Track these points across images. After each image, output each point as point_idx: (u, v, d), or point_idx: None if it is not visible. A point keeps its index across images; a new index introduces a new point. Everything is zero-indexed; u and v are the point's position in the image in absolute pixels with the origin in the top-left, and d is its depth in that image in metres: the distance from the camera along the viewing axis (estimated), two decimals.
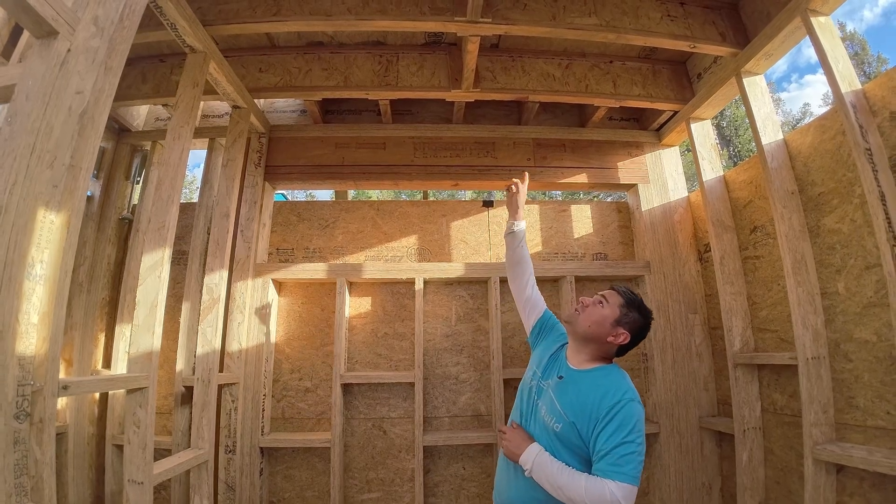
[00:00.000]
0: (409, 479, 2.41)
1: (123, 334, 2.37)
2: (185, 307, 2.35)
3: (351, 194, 4.57)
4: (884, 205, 1.47)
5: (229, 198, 2.26)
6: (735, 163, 17.02)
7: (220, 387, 2.19)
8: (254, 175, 2.58)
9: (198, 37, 1.86)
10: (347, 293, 2.55)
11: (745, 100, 2.08)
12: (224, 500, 2.14)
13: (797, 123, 19.45)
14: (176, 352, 2.31)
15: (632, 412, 1.19)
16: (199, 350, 2.04)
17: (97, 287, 2.48)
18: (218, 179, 2.47)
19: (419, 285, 2.52)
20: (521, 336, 2.59)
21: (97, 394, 2.37)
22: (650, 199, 2.72)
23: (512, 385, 2.42)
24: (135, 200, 2.72)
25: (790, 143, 1.97)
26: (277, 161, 2.69)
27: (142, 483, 1.45)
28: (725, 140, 18.07)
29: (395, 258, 2.72)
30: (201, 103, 2.67)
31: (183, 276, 2.45)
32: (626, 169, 2.79)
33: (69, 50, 1.14)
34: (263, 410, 2.35)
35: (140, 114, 2.84)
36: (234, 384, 2.27)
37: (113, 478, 2.23)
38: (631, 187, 2.80)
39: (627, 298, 1.39)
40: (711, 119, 2.56)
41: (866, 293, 1.61)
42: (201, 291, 2.20)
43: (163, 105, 2.73)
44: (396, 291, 2.66)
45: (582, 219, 2.86)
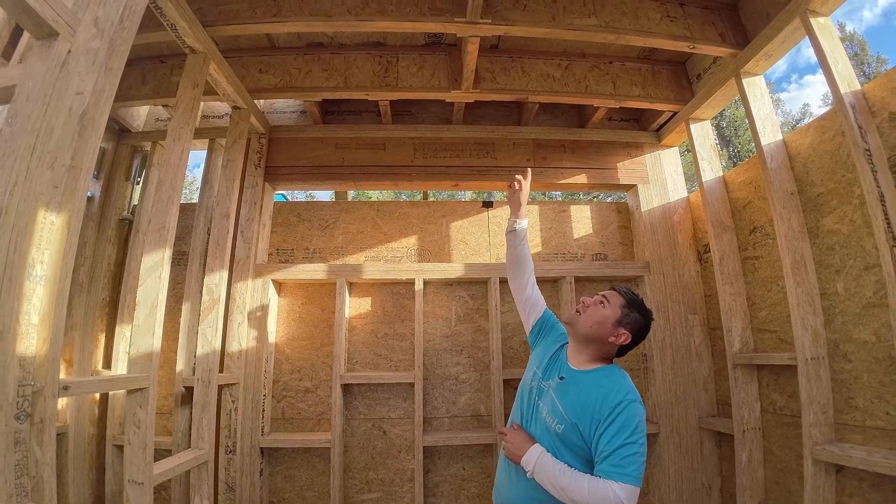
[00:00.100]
0: (409, 480, 2.42)
1: (123, 335, 2.37)
2: (186, 308, 2.35)
3: (351, 195, 4.57)
4: (883, 205, 1.47)
5: (229, 198, 2.27)
6: (735, 163, 17.02)
7: (221, 387, 2.19)
8: (254, 176, 2.58)
9: (198, 38, 1.86)
10: (347, 294, 2.55)
11: (745, 100, 2.08)
12: (224, 501, 2.14)
13: (797, 124, 19.44)
14: (176, 352, 2.31)
15: (634, 413, 1.20)
16: (200, 350, 2.04)
17: (97, 287, 2.48)
18: (218, 180, 2.47)
19: (419, 286, 2.52)
20: (521, 336, 2.59)
21: (97, 394, 2.37)
22: (650, 200, 2.73)
23: (512, 385, 2.42)
24: (135, 201, 2.72)
25: (789, 144, 1.98)
26: (277, 162, 2.69)
27: (142, 483, 1.45)
28: (725, 140, 18.07)
29: (395, 259, 2.72)
30: (201, 104, 2.68)
31: (183, 277, 2.45)
32: (626, 169, 2.80)
33: (69, 51, 1.14)
34: (263, 411, 2.35)
35: (140, 114, 2.84)
36: (235, 384, 2.27)
37: (113, 478, 2.23)
38: (630, 188, 2.80)
39: (628, 299, 1.39)
40: (711, 119, 2.57)
41: (865, 294, 1.61)
42: (201, 292, 2.21)
43: (163, 106, 2.74)
44: (396, 292, 2.66)
45: (581, 219, 2.86)
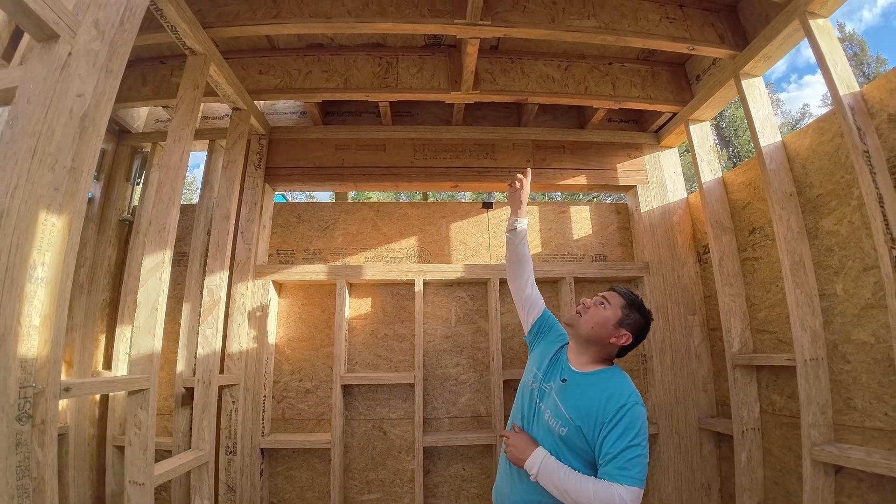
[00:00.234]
0: (409, 480, 2.42)
1: (124, 335, 2.37)
2: (186, 308, 2.35)
3: (350, 196, 4.56)
4: (881, 207, 1.47)
5: (229, 199, 2.27)
6: (735, 163, 17.02)
7: (221, 388, 2.20)
8: (254, 177, 2.58)
9: (198, 39, 1.86)
10: (347, 294, 2.56)
11: (744, 102, 2.09)
12: (224, 501, 2.14)
13: (796, 124, 19.43)
14: (176, 353, 2.31)
15: (636, 415, 1.20)
16: (200, 351, 2.04)
17: (98, 288, 2.48)
18: (218, 181, 2.48)
19: (419, 287, 2.52)
20: (521, 337, 2.60)
21: (98, 395, 2.37)
22: (649, 201, 2.73)
23: (511, 386, 2.43)
24: (135, 202, 2.72)
25: (788, 145, 1.98)
26: (277, 163, 2.69)
27: (143, 484, 1.46)
28: (725, 141, 18.07)
29: (395, 259, 2.72)
30: (201, 105, 2.68)
31: (183, 278, 2.46)
32: (626, 170, 2.80)
33: (70, 53, 1.14)
34: (264, 411, 2.35)
35: (140, 115, 2.85)
36: (235, 385, 2.27)
37: (114, 479, 2.23)
38: (630, 189, 2.81)
39: (629, 299, 1.39)
40: (710, 120, 2.57)
41: (864, 295, 1.61)
42: (202, 293, 2.21)
43: (163, 107, 2.74)
44: (396, 293, 2.66)
45: (581, 220, 2.86)
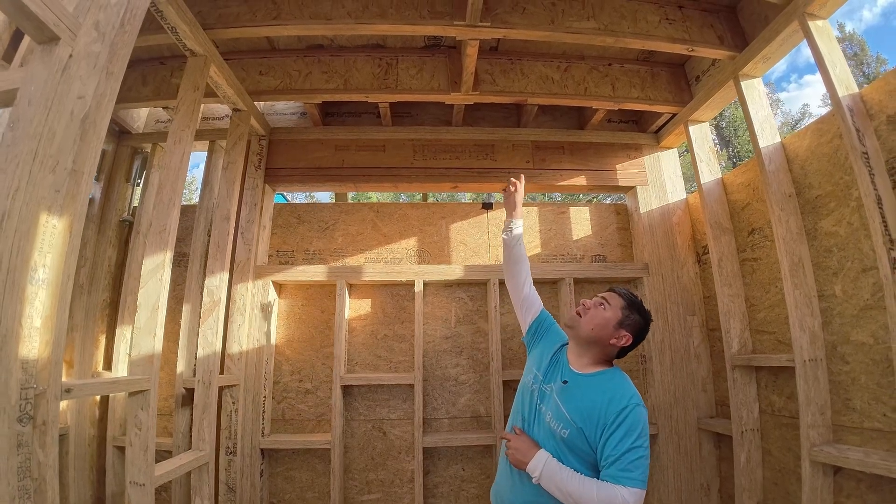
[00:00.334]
0: (409, 481, 2.42)
1: (124, 336, 2.37)
2: (186, 309, 2.35)
3: (350, 196, 4.57)
4: (880, 208, 1.48)
5: (230, 200, 2.27)
6: (734, 163, 17.01)
7: (221, 388, 2.20)
8: (254, 177, 2.59)
9: (198, 41, 1.87)
10: (347, 295, 2.56)
11: (743, 103, 2.09)
12: (225, 502, 2.15)
13: (796, 124, 19.42)
14: (176, 353, 2.31)
15: (638, 417, 1.21)
16: (200, 352, 2.05)
17: (98, 289, 2.48)
18: (218, 182, 2.48)
19: (419, 287, 2.53)
20: (520, 337, 2.60)
21: (98, 396, 2.38)
22: (648, 202, 2.73)
23: (511, 387, 2.43)
24: (135, 202, 2.72)
25: (788, 147, 1.98)
26: (278, 163, 2.70)
27: (144, 485, 1.46)
28: (725, 141, 18.07)
29: (395, 260, 2.72)
30: (201, 106, 2.68)
31: (183, 279, 2.46)
32: (625, 171, 2.80)
33: (71, 55, 1.14)
34: (264, 412, 2.36)
35: (140, 116, 2.85)
36: (235, 386, 2.28)
37: (114, 479, 2.24)
38: (629, 189, 2.81)
39: (628, 300, 1.39)
40: (710, 120, 2.57)
41: (863, 296, 1.62)
42: (202, 293, 2.21)
43: (163, 108, 2.74)
44: (396, 293, 2.67)
45: (581, 221, 2.87)
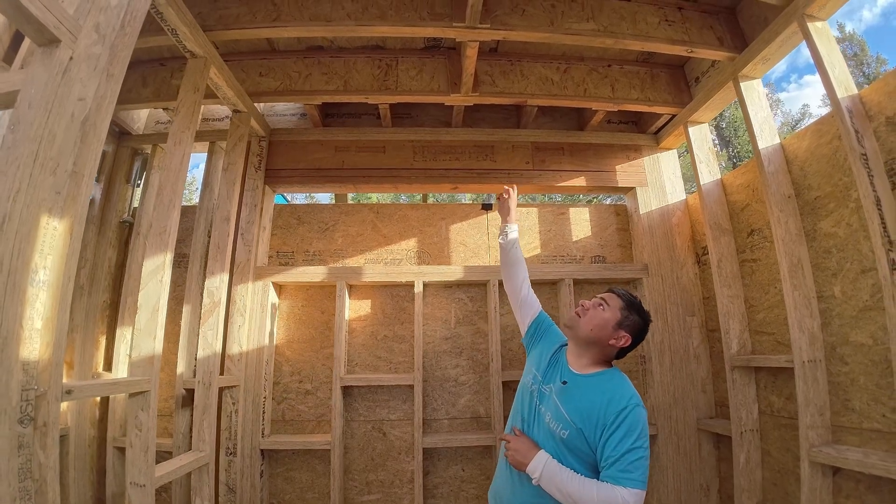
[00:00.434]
0: (409, 481, 2.43)
1: (124, 337, 2.37)
2: (186, 310, 2.36)
3: (350, 197, 4.57)
4: (879, 209, 1.48)
5: (230, 201, 2.27)
6: (735, 164, 17.00)
7: (221, 389, 2.20)
8: (254, 178, 2.59)
9: (198, 42, 1.87)
10: (347, 296, 2.56)
11: (743, 104, 2.09)
12: (225, 502, 2.15)
13: (796, 124, 19.40)
14: (177, 354, 2.32)
15: (638, 417, 1.21)
16: (200, 353, 2.05)
17: (98, 290, 2.49)
18: (218, 183, 2.48)
19: (418, 288, 2.53)
20: (520, 338, 2.60)
21: (98, 397, 2.38)
22: (648, 203, 2.74)
23: (511, 387, 2.43)
24: (135, 203, 2.72)
25: (787, 148, 1.99)
26: (278, 164, 2.70)
27: (144, 486, 1.46)
28: (725, 141, 18.06)
29: (395, 261, 2.73)
30: (201, 107, 2.68)
31: (183, 280, 2.46)
32: (625, 172, 2.81)
33: (71, 58, 1.14)
34: (264, 413, 2.36)
35: (140, 117, 2.85)
36: (235, 387, 2.28)
37: (114, 480, 2.24)
38: (629, 190, 2.81)
39: (627, 301, 1.39)
40: (710, 121, 2.57)
41: (862, 297, 1.62)
42: (202, 294, 2.22)
43: (163, 109, 2.75)
44: (396, 294, 2.67)
45: (580, 222, 2.87)
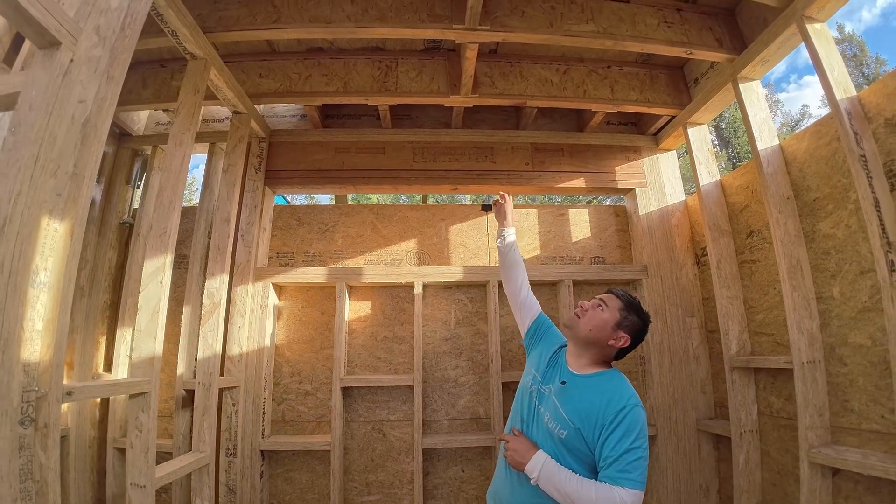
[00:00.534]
0: (409, 482, 2.43)
1: (125, 338, 2.37)
2: (186, 311, 2.36)
3: (350, 198, 4.57)
4: (878, 211, 1.48)
5: (230, 202, 2.28)
6: (734, 164, 17.01)
7: (221, 390, 2.20)
8: (254, 180, 2.59)
9: (198, 44, 1.87)
10: (347, 297, 2.56)
11: (742, 105, 2.10)
12: (225, 503, 2.15)
13: (796, 125, 19.40)
14: (177, 355, 2.32)
15: (636, 418, 1.21)
16: (201, 354, 2.05)
17: (98, 291, 2.49)
18: (218, 184, 2.49)
19: (418, 289, 2.53)
20: (520, 339, 2.60)
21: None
22: (647, 204, 2.74)
23: (510, 388, 2.43)
24: (135, 204, 2.73)
25: (786, 149, 1.99)
26: (278, 165, 2.70)
27: (144, 486, 1.46)
28: (724, 141, 18.05)
29: (395, 262, 2.73)
30: (202, 108, 2.69)
31: (183, 281, 2.46)
32: (624, 173, 2.81)
33: (72, 60, 1.14)
34: (264, 414, 2.36)
35: (140, 118, 2.86)
36: (235, 388, 2.28)
37: (114, 480, 2.24)
38: (628, 191, 2.81)
39: (626, 301, 1.40)
40: (709, 121, 2.58)
41: (861, 298, 1.62)
42: (202, 295, 2.22)
43: (164, 110, 2.75)
44: (396, 295, 2.67)
45: (580, 223, 2.87)
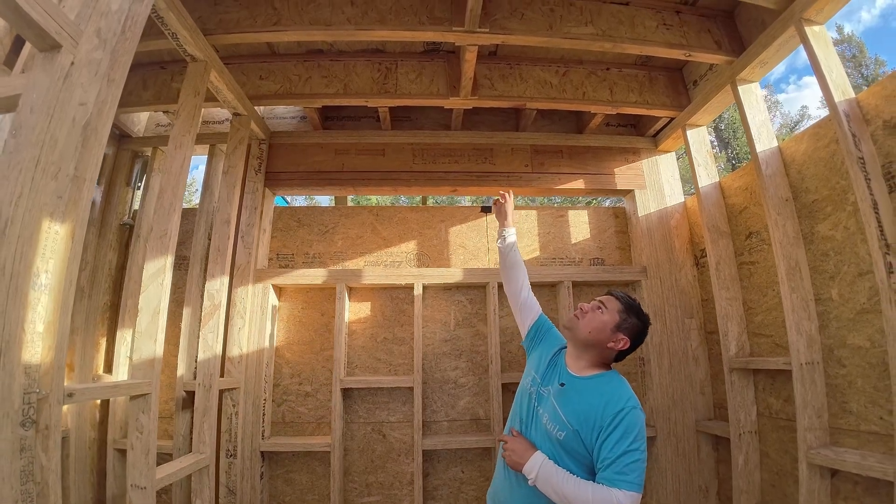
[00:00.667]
0: (409, 483, 2.43)
1: (125, 339, 2.38)
2: (187, 312, 2.36)
3: (350, 199, 4.58)
4: (876, 213, 1.49)
5: (230, 204, 2.28)
6: (734, 165, 17.02)
7: (221, 391, 2.20)
8: (254, 181, 2.60)
9: (199, 46, 1.88)
10: (347, 298, 2.57)
11: (740, 107, 2.10)
12: None
13: (795, 126, 19.42)
14: (177, 356, 2.32)
15: (635, 420, 1.21)
16: (201, 355, 2.06)
17: (98, 292, 2.49)
18: (218, 185, 2.49)
19: (418, 290, 2.54)
20: (519, 340, 2.60)
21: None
22: (647, 205, 2.75)
23: (510, 389, 2.44)
24: (135, 206, 2.73)
25: (785, 151, 2.00)
26: (278, 167, 2.71)
27: (145, 488, 1.47)
28: (724, 142, 18.07)
29: (395, 263, 2.74)
30: (202, 110, 2.69)
31: (184, 282, 2.46)
32: (623, 175, 2.82)
33: (73, 63, 1.15)
34: (264, 415, 2.36)
35: (141, 119, 2.86)
36: (235, 389, 2.28)
37: (114, 482, 2.24)
38: (628, 193, 2.82)
39: (626, 303, 1.40)
40: (709, 123, 2.58)
41: (859, 300, 1.63)
42: (202, 297, 2.22)
43: (164, 112, 2.75)
44: (396, 296, 2.67)
45: (579, 224, 2.88)
